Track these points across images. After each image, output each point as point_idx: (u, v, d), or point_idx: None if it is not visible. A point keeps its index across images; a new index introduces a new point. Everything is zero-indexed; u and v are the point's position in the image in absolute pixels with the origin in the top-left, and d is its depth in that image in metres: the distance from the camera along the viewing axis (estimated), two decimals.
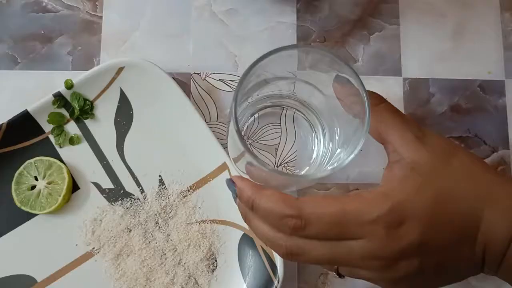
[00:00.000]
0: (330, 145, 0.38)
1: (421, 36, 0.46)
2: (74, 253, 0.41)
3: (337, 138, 0.36)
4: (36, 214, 0.41)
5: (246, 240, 0.40)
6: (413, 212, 0.28)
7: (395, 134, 0.30)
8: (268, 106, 0.42)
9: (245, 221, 0.32)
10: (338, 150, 0.35)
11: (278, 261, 0.39)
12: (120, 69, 0.41)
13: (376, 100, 0.32)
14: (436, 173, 0.29)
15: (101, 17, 0.44)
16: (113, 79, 0.41)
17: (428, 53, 0.46)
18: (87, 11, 0.44)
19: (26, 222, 0.41)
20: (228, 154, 0.40)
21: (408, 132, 0.30)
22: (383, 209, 0.27)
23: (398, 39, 0.46)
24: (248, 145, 0.31)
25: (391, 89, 0.45)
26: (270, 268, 0.39)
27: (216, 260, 0.41)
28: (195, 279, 0.40)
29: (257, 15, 0.45)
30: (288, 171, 0.43)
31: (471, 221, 0.28)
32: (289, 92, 0.39)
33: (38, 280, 0.40)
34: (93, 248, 0.41)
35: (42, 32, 0.44)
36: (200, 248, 0.41)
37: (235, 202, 0.32)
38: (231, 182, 0.32)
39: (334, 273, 0.31)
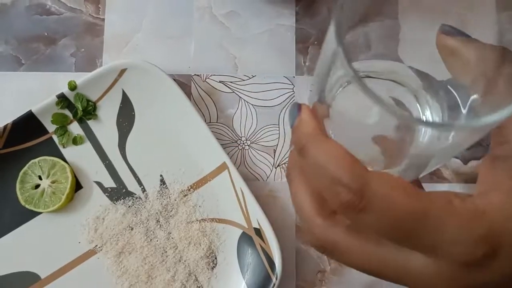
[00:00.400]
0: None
1: (419, 37, 0.47)
2: (77, 251, 0.42)
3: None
4: (40, 213, 0.42)
5: (245, 239, 0.41)
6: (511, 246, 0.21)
7: None
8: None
9: (287, 177, 0.26)
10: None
11: (277, 259, 0.40)
12: (122, 71, 0.42)
13: None
14: None
15: (103, 19, 0.45)
16: (115, 80, 0.42)
17: (426, 53, 0.46)
18: (89, 14, 0.45)
19: (30, 220, 0.42)
20: (227, 154, 0.41)
21: None
22: (476, 233, 0.20)
23: (396, 39, 0.46)
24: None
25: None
26: (269, 266, 0.40)
27: (216, 258, 0.42)
28: (195, 276, 0.41)
29: (256, 18, 0.46)
30: None
31: None
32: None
33: (42, 277, 0.41)
34: (96, 245, 0.42)
35: (46, 34, 0.45)
36: (200, 246, 0.42)
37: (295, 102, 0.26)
38: (296, 108, 0.23)
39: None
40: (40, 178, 0.41)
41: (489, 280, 0.21)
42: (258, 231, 0.41)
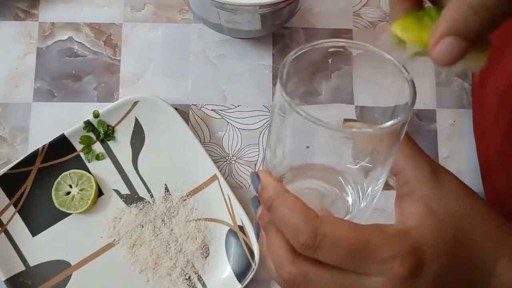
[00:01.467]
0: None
1: (368, 74, 0.59)
2: (99, 244, 0.53)
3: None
4: (70, 214, 0.53)
5: (231, 234, 0.53)
6: (433, 254, 0.26)
7: (409, 165, 0.29)
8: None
9: (259, 220, 0.30)
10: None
11: (255, 250, 0.51)
12: (135, 103, 0.53)
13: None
14: (453, 214, 0.28)
15: (119, 60, 0.57)
16: (130, 110, 0.54)
17: (374, 86, 0.58)
18: (108, 56, 0.57)
19: (63, 220, 0.53)
20: (217, 167, 0.53)
21: (422, 165, 0.29)
22: (404, 248, 0.26)
23: (351, 77, 0.58)
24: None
25: (346, 114, 0.58)
26: (249, 255, 0.51)
27: (208, 249, 0.53)
28: (192, 264, 0.53)
29: (241, 59, 0.58)
30: None
31: (486, 265, 0.28)
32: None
33: (72, 264, 0.52)
34: (114, 240, 0.53)
35: (74, 72, 0.57)
36: (196, 240, 0.53)
37: (254, 195, 0.31)
38: (256, 177, 0.28)
39: None
40: (70, 186, 0.53)
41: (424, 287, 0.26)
42: (241, 228, 0.52)
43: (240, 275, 0.51)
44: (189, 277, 0.52)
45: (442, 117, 0.58)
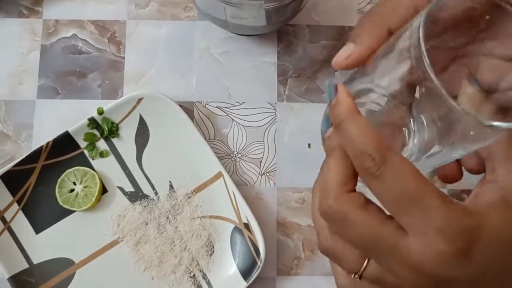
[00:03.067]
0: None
1: None
2: (103, 241, 0.52)
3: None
4: (74, 211, 0.52)
5: (236, 232, 0.52)
6: (487, 246, 0.24)
7: (503, 154, 0.27)
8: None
9: (327, 139, 0.29)
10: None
11: (261, 247, 0.50)
12: (140, 99, 0.53)
13: None
14: None
15: (123, 57, 0.57)
16: (134, 107, 0.53)
17: None
18: (112, 53, 0.57)
19: (67, 217, 0.52)
20: (222, 164, 0.52)
21: None
22: (460, 226, 0.24)
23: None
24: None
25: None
26: (255, 252, 0.51)
27: (213, 247, 0.53)
28: (197, 261, 0.52)
29: (245, 56, 0.58)
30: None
31: None
32: None
33: (76, 262, 0.52)
34: (118, 237, 0.52)
35: (78, 69, 0.56)
36: (201, 237, 0.53)
37: (328, 107, 0.29)
38: (333, 88, 0.27)
39: (354, 275, 0.27)
40: (74, 183, 0.52)
41: (464, 277, 0.24)
42: (246, 225, 0.52)
43: (246, 273, 0.51)
44: (194, 275, 0.52)
45: None
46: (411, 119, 0.30)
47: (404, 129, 0.30)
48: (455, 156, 0.28)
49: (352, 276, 0.27)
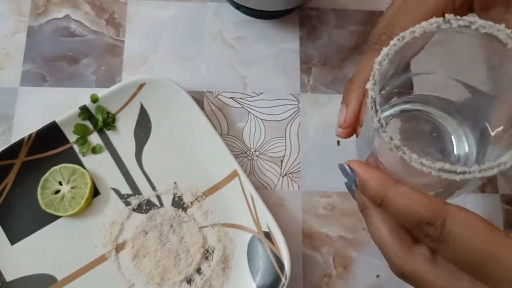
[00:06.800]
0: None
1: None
2: (93, 254, 0.43)
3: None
4: (59, 217, 0.43)
5: (255, 242, 0.43)
6: None
7: None
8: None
9: (363, 215, 0.28)
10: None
11: (286, 259, 0.41)
12: (141, 85, 0.45)
13: None
14: None
15: (123, 41, 0.49)
16: (134, 94, 0.45)
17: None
18: (110, 36, 0.49)
19: (50, 224, 0.43)
20: (238, 163, 0.44)
21: None
22: None
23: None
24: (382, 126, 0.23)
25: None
26: (278, 267, 0.42)
27: (228, 262, 0.43)
28: (209, 281, 0.43)
29: (263, 42, 0.50)
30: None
31: None
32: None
33: (59, 279, 0.42)
34: (112, 249, 0.43)
35: (70, 54, 0.49)
36: (211, 250, 0.44)
37: (349, 191, 0.28)
38: (349, 169, 0.26)
39: None
40: (60, 184, 0.44)
41: None
42: (267, 234, 0.43)
43: None
44: None
45: None
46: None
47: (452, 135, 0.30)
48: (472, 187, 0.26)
49: None
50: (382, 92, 0.28)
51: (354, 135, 0.31)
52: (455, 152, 0.30)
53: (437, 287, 0.24)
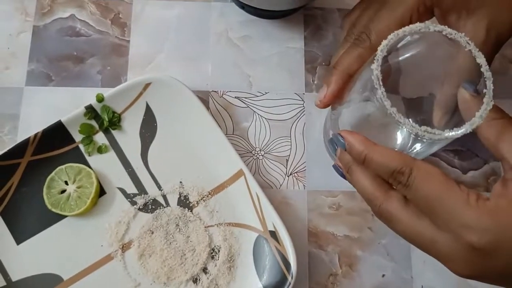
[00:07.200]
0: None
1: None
2: (99, 253, 0.43)
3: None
4: (65, 216, 0.43)
5: (260, 242, 0.43)
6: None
7: None
8: None
9: (346, 174, 0.33)
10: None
11: (292, 259, 0.41)
12: (147, 85, 0.45)
13: (497, 114, 0.30)
14: None
15: (128, 41, 0.49)
16: (140, 94, 0.45)
17: (422, 64, 0.51)
18: (116, 36, 0.49)
19: (56, 224, 0.43)
20: (243, 162, 0.44)
21: None
22: (485, 224, 0.27)
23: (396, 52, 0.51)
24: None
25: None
26: (284, 266, 0.42)
27: (233, 261, 0.43)
28: (215, 280, 0.43)
29: (268, 41, 0.50)
30: None
31: None
32: None
33: (65, 279, 0.42)
34: (118, 248, 0.43)
35: (75, 53, 0.49)
36: (217, 249, 0.44)
37: (335, 158, 0.34)
38: (339, 136, 0.31)
39: None
40: (66, 183, 0.44)
41: (491, 270, 0.28)
42: (273, 234, 0.43)
43: None
44: None
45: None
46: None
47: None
48: (433, 150, 0.33)
49: None
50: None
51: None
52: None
53: (404, 225, 0.29)
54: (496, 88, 0.28)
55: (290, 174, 0.47)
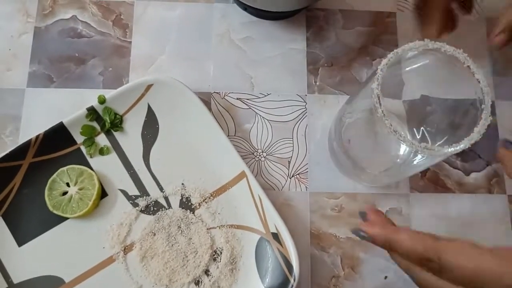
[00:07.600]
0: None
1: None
2: (101, 256, 0.43)
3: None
4: (66, 218, 0.43)
5: (263, 243, 0.43)
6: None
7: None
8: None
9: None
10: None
11: (294, 260, 0.41)
12: (149, 86, 0.45)
13: None
14: None
15: (130, 42, 0.49)
16: (142, 95, 0.45)
17: (424, 76, 0.50)
18: (117, 37, 0.49)
19: (57, 226, 0.43)
20: (246, 163, 0.44)
21: None
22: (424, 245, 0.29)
23: (398, 65, 0.51)
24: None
25: (393, 108, 0.49)
26: (287, 268, 0.42)
27: (236, 263, 0.43)
28: (217, 282, 0.43)
29: (270, 42, 0.50)
30: (301, 183, 0.46)
31: None
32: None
33: (66, 281, 0.42)
34: (119, 250, 0.43)
35: (77, 55, 0.48)
36: (219, 251, 0.43)
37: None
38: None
39: None
40: (68, 185, 0.43)
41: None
42: (275, 236, 0.43)
43: None
44: None
45: (504, 110, 0.50)
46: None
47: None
48: (436, 161, 0.36)
49: None
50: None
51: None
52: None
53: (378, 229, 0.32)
54: (502, 90, 0.30)
55: (292, 176, 0.47)
